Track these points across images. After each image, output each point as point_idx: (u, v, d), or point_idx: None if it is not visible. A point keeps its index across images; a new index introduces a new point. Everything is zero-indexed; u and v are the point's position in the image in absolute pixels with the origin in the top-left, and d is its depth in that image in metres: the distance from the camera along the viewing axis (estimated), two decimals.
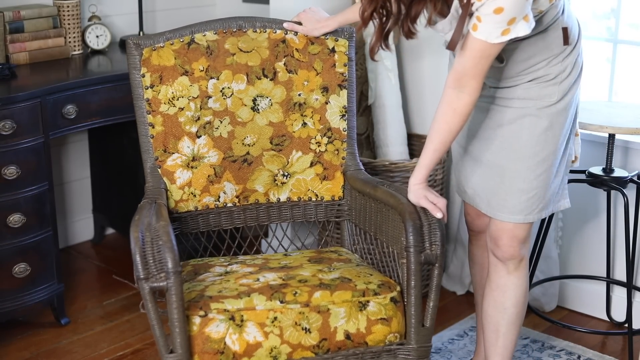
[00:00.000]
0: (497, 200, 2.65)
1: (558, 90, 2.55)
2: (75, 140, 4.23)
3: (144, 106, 2.81)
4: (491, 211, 2.68)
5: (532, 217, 2.63)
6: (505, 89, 2.59)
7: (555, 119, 2.56)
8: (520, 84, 2.56)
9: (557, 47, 2.53)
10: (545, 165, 2.59)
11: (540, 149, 2.57)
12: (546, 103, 2.55)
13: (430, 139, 2.55)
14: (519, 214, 2.62)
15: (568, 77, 2.56)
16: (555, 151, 2.59)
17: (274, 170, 2.94)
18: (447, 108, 2.50)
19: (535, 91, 2.55)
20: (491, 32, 2.33)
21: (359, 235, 2.95)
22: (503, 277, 2.72)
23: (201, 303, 2.45)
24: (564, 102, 2.57)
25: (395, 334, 2.55)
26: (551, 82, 2.54)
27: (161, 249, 2.33)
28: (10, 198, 3.24)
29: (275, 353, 2.45)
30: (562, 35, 2.53)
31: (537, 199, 2.61)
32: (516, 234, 2.65)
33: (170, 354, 2.37)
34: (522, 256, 2.70)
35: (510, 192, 2.62)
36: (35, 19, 3.69)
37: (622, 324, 3.56)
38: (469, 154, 2.73)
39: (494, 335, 2.79)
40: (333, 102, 2.94)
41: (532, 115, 2.56)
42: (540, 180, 2.59)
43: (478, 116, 2.68)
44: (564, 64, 2.55)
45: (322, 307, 2.49)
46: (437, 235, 2.53)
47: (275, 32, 2.91)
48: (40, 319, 3.59)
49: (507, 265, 2.70)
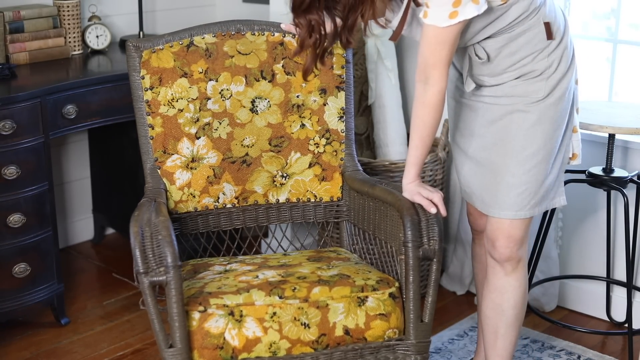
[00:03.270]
0: (489, 196, 2.72)
1: (545, 85, 2.61)
2: (75, 140, 4.26)
3: (144, 108, 2.89)
4: (485, 208, 2.74)
5: (523, 213, 2.67)
6: (493, 87, 2.66)
7: (544, 113, 2.62)
8: (508, 81, 2.63)
9: (540, 42, 2.60)
10: (535, 160, 2.64)
11: (529, 143, 2.63)
12: (534, 99, 2.61)
13: (411, 137, 2.65)
14: (509, 209, 2.67)
15: (555, 71, 2.62)
16: (545, 146, 2.64)
17: (273, 172, 3.01)
18: (417, 103, 2.60)
19: (523, 88, 2.62)
20: (439, 17, 2.43)
21: (357, 235, 3.01)
22: (501, 279, 2.78)
23: (200, 299, 2.51)
24: (553, 96, 2.63)
25: (394, 330, 2.62)
26: (538, 77, 2.61)
27: (160, 244, 2.40)
28: (10, 198, 3.29)
29: (274, 348, 2.52)
30: (544, 30, 2.59)
31: (528, 194, 2.65)
32: (512, 233, 2.70)
33: (170, 348, 2.44)
34: (520, 257, 2.75)
35: (500, 187, 2.68)
36: (35, 19, 3.73)
37: (622, 324, 3.61)
38: (464, 152, 2.80)
39: (492, 336, 2.85)
40: (331, 103, 3.01)
41: (521, 110, 2.62)
42: (530, 176, 2.64)
43: (469, 114, 2.75)
44: (550, 59, 2.61)
45: (321, 303, 2.56)
46: (435, 231, 2.60)
47: (273, 35, 2.98)
48: (40, 319, 3.63)
49: (504, 267, 2.75)
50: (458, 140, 2.84)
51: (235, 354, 2.50)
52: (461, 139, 2.82)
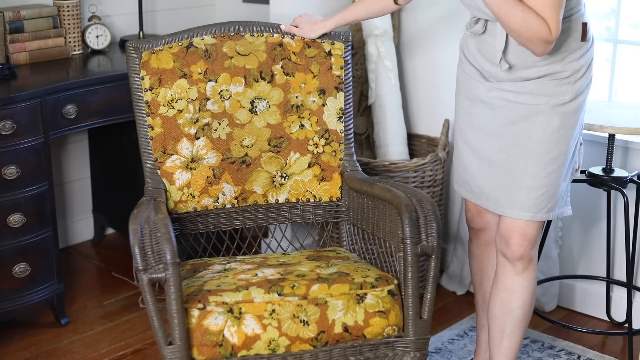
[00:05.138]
0: (506, 197, 2.75)
1: (572, 89, 2.65)
2: (75, 140, 4.29)
3: (144, 108, 2.93)
4: (500, 209, 2.77)
5: (540, 216, 2.72)
6: (518, 82, 2.68)
7: (567, 118, 2.66)
8: (534, 78, 2.66)
9: (575, 42, 2.63)
10: (556, 164, 2.69)
11: (553, 147, 2.67)
12: (559, 101, 2.65)
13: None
14: (527, 210, 2.71)
15: (581, 77, 2.67)
16: (566, 151, 2.69)
17: (272, 172, 3.05)
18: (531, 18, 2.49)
19: (549, 88, 2.65)
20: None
21: (357, 235, 3.05)
22: (511, 278, 2.81)
23: (200, 296, 2.55)
24: (576, 102, 2.67)
25: (393, 327, 2.66)
26: (565, 80, 2.65)
27: (159, 241, 2.44)
28: (10, 198, 3.31)
29: (273, 345, 2.56)
30: (581, 29, 2.63)
31: (546, 197, 2.70)
32: (527, 232, 2.74)
33: (169, 345, 2.48)
34: (531, 257, 2.79)
35: (519, 188, 2.71)
36: (35, 19, 3.75)
37: (622, 324, 3.64)
38: (477, 152, 2.83)
39: (499, 335, 2.88)
40: (330, 104, 3.06)
41: (545, 112, 2.66)
42: (550, 179, 2.69)
43: (487, 114, 2.77)
44: (579, 63, 2.66)
45: (320, 300, 2.60)
46: (433, 227, 2.64)
47: (272, 36, 3.03)
48: (40, 319, 3.66)
49: (515, 267, 2.79)
50: (471, 140, 2.85)
51: (235, 351, 2.54)
52: (475, 139, 2.84)
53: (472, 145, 2.85)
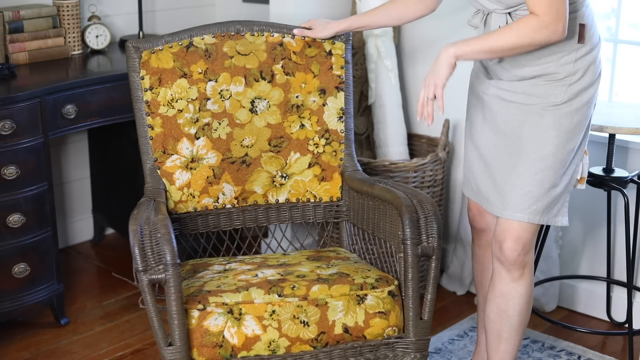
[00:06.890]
0: (495, 196, 2.77)
1: (565, 91, 2.64)
2: (75, 140, 4.29)
3: (144, 108, 2.93)
4: (489, 207, 2.79)
5: (527, 217, 2.69)
6: (514, 82, 2.69)
7: (559, 120, 2.65)
8: (528, 78, 2.66)
9: (570, 43, 2.61)
10: (542, 165, 2.67)
11: (539, 146, 2.66)
12: (551, 102, 2.64)
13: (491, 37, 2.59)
14: (512, 209, 2.70)
15: (579, 81, 2.65)
16: (556, 153, 2.67)
17: (273, 172, 3.05)
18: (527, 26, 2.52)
19: (542, 89, 2.65)
20: None
21: (357, 235, 3.05)
22: (507, 285, 2.80)
23: (199, 297, 2.55)
24: (571, 106, 2.65)
25: (394, 328, 2.66)
26: (559, 82, 2.64)
27: (159, 242, 2.44)
28: (10, 198, 3.31)
29: (273, 346, 2.56)
30: (577, 31, 2.61)
31: (531, 196, 2.68)
32: (520, 235, 2.73)
33: (169, 346, 2.48)
34: (526, 263, 2.78)
35: (507, 188, 2.72)
36: (35, 19, 3.75)
37: (622, 324, 3.64)
38: (478, 150, 2.85)
39: (496, 340, 2.88)
40: (330, 104, 3.06)
41: (536, 113, 2.66)
42: (536, 179, 2.68)
43: (488, 112, 2.78)
44: (576, 66, 2.64)
45: (320, 301, 2.61)
46: (434, 228, 2.64)
47: (272, 36, 3.03)
48: (40, 319, 3.66)
49: (511, 273, 2.78)
50: (473, 137, 2.87)
51: (235, 352, 2.54)
52: (476, 136, 2.86)
53: (474, 143, 2.88)
